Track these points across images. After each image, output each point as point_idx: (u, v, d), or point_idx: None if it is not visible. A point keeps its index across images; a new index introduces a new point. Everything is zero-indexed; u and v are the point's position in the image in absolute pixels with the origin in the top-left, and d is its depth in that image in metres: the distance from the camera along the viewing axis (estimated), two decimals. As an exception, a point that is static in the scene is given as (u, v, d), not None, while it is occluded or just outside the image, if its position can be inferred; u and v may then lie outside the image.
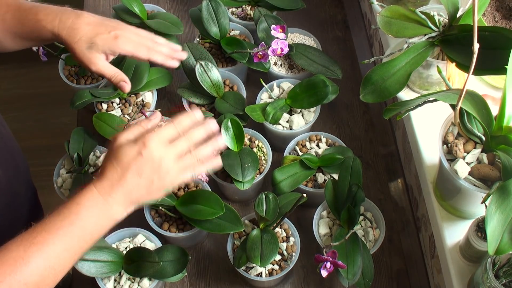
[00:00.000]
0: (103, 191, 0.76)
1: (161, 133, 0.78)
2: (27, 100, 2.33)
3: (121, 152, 0.77)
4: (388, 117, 0.83)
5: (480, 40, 0.68)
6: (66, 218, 0.73)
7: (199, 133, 0.81)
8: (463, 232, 0.90)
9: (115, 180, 0.76)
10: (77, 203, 0.74)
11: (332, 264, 0.90)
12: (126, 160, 0.76)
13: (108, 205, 0.76)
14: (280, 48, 1.10)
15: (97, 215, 0.75)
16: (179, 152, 0.79)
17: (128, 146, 0.77)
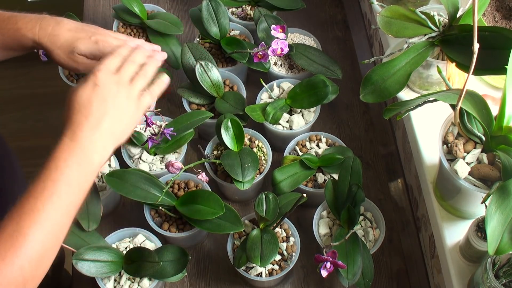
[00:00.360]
0: (75, 137, 0.75)
1: (106, 64, 0.80)
2: (27, 100, 2.32)
3: (77, 95, 0.78)
4: (388, 117, 0.83)
5: (480, 40, 0.68)
6: (47, 178, 0.71)
7: (140, 54, 0.84)
8: (463, 232, 0.90)
9: (82, 121, 0.76)
10: (54, 158, 0.73)
11: (332, 264, 0.90)
12: (85, 97, 0.77)
13: (86, 149, 0.74)
14: (280, 48, 1.10)
15: (78, 164, 0.73)
16: (130, 75, 0.81)
17: (81, 87, 0.78)
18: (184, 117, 1.11)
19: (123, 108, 0.79)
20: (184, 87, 1.17)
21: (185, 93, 1.16)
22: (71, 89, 0.79)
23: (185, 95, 1.16)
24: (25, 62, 2.35)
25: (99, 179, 1.10)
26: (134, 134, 1.09)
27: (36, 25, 0.95)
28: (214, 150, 1.12)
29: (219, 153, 1.11)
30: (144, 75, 0.83)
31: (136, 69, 0.83)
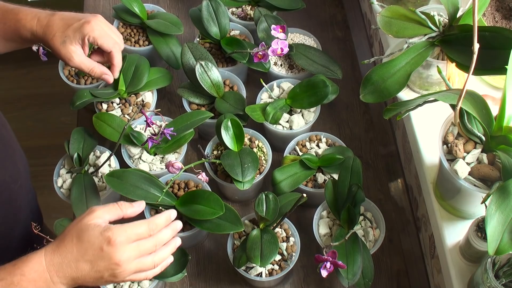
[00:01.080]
0: (51, 267, 0.74)
1: (132, 231, 0.76)
2: (27, 100, 2.33)
3: (86, 233, 0.75)
4: (388, 117, 0.83)
5: (480, 40, 0.68)
6: (7, 286, 0.72)
7: (167, 235, 0.81)
8: (463, 232, 0.90)
9: (67, 260, 0.75)
10: (22, 273, 0.73)
11: (332, 264, 0.90)
12: (87, 245, 0.75)
13: (52, 281, 0.74)
14: (280, 48, 1.10)
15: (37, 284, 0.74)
16: (141, 253, 0.78)
17: (95, 232, 0.75)
18: (184, 117, 1.11)
19: (105, 279, 0.77)
20: (184, 87, 1.17)
21: (185, 93, 1.16)
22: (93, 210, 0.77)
23: (185, 95, 1.16)
24: (25, 62, 2.36)
25: (99, 179, 1.10)
26: (134, 134, 1.09)
27: (34, 18, 0.96)
28: (214, 150, 1.12)
29: (219, 153, 1.11)
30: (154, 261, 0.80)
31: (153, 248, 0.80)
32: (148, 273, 0.80)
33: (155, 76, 1.19)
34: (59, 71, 1.23)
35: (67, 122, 2.22)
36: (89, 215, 0.77)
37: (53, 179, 1.11)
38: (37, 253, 0.75)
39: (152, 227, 0.79)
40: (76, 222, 0.77)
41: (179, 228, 0.85)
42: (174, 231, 0.83)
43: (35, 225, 0.93)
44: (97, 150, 1.14)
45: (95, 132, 1.12)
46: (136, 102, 1.19)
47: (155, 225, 0.80)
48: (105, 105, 1.18)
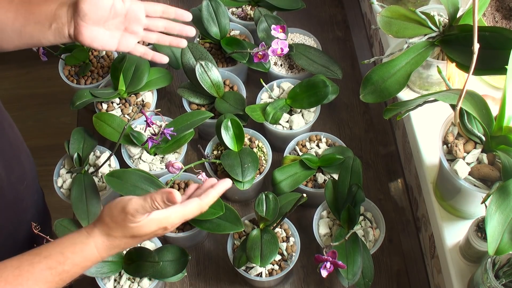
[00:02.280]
0: (104, 254, 0.77)
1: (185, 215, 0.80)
2: (27, 100, 2.33)
3: (141, 230, 0.77)
4: (388, 117, 0.83)
5: (480, 40, 0.68)
6: (58, 274, 0.73)
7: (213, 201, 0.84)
8: (463, 232, 0.90)
9: (121, 247, 0.78)
10: (75, 263, 0.75)
11: (332, 264, 0.90)
12: (143, 237, 0.78)
13: (101, 258, 0.78)
14: (280, 48, 1.10)
15: (88, 268, 0.77)
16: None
17: (151, 227, 0.77)
18: (184, 117, 1.11)
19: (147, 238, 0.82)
20: (184, 87, 1.17)
21: (185, 93, 1.16)
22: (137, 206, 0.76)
23: (185, 95, 1.16)
24: (25, 62, 2.36)
25: (99, 179, 1.10)
26: (134, 134, 1.09)
27: None
28: (214, 150, 1.12)
29: (219, 153, 1.11)
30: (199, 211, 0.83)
31: None
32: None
33: (155, 76, 1.19)
34: (59, 71, 1.23)
35: (67, 122, 2.22)
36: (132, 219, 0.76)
37: (53, 179, 1.11)
38: (87, 244, 0.76)
39: (204, 208, 0.82)
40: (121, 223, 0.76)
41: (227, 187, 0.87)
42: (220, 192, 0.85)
43: (35, 225, 0.93)
44: (97, 150, 1.14)
45: (95, 132, 1.12)
46: (136, 102, 1.19)
47: (207, 205, 0.82)
48: (105, 105, 1.18)
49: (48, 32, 0.92)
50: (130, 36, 0.97)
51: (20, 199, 1.02)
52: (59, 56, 1.23)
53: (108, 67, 1.23)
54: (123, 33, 0.96)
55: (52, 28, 0.91)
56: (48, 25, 0.91)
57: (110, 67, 1.20)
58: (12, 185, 0.98)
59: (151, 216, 0.77)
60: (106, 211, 0.78)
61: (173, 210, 0.78)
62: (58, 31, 0.92)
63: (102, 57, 1.25)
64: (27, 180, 1.04)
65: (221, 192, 0.85)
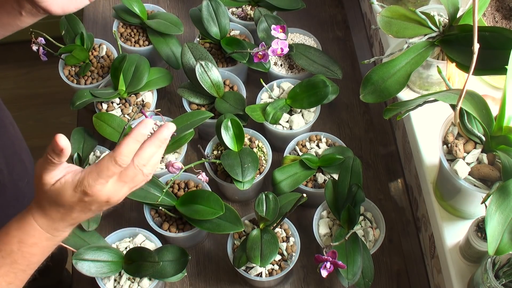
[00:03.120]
0: (46, 227, 0.73)
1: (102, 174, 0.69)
2: (27, 100, 2.32)
3: (60, 196, 0.71)
4: (388, 117, 0.83)
5: (480, 40, 0.68)
6: (7, 256, 0.71)
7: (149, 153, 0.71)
8: (463, 232, 0.90)
9: (57, 218, 0.73)
10: (19, 240, 0.71)
11: (332, 264, 0.90)
12: (69, 204, 0.71)
13: (53, 236, 0.73)
14: (280, 48, 1.10)
15: (41, 247, 0.73)
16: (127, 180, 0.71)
17: (68, 191, 0.70)
18: (184, 117, 1.11)
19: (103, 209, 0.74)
20: (184, 87, 1.17)
21: (185, 93, 1.16)
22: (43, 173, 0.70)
23: (185, 95, 1.16)
24: (25, 62, 2.36)
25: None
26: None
27: None
28: (214, 150, 1.12)
29: (219, 153, 1.11)
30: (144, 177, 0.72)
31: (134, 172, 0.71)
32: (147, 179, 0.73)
33: (155, 76, 1.19)
34: (59, 71, 1.23)
35: (67, 122, 2.22)
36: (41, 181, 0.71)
37: (53, 179, 1.11)
38: (26, 219, 0.72)
39: (121, 161, 0.69)
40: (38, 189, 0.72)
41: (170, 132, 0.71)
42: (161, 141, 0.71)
43: None
44: (97, 150, 1.14)
45: (95, 132, 1.12)
46: (136, 102, 1.19)
47: (123, 157, 0.69)
48: (105, 105, 1.18)
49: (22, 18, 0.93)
50: None
51: (22, 196, 1.02)
52: (59, 56, 1.23)
53: (108, 67, 1.23)
54: None
55: (24, 14, 0.92)
56: (18, 13, 0.92)
57: (110, 67, 1.20)
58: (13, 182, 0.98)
59: (64, 178, 0.70)
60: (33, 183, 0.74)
61: (87, 169, 0.71)
62: (30, 14, 0.92)
63: (102, 57, 1.25)
64: (28, 177, 1.04)
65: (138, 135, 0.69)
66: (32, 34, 1.18)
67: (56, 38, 1.22)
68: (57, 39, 1.22)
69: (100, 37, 1.34)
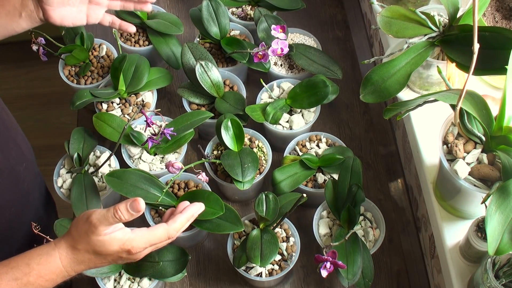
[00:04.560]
0: (69, 268, 0.77)
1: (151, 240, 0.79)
2: (27, 100, 2.33)
3: (104, 249, 0.76)
4: (388, 117, 0.83)
5: (480, 40, 0.68)
6: (23, 285, 0.74)
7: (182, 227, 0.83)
8: (463, 232, 0.90)
9: (85, 263, 0.77)
10: (38, 275, 0.75)
11: (332, 264, 0.90)
12: (107, 257, 0.77)
13: (69, 275, 0.77)
14: (280, 48, 1.10)
15: (55, 283, 0.77)
16: (158, 248, 0.82)
17: (113, 247, 0.76)
18: (184, 117, 1.11)
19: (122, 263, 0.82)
20: (184, 87, 1.17)
21: (185, 93, 1.16)
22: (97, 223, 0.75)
23: (185, 95, 1.16)
24: (25, 62, 2.36)
25: (99, 179, 1.10)
26: (134, 134, 1.09)
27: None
28: (214, 150, 1.12)
29: (219, 153, 1.11)
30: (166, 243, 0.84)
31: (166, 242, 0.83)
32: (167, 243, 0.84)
33: (155, 76, 1.19)
34: (59, 71, 1.23)
35: (67, 122, 2.22)
36: (95, 231, 0.75)
37: (53, 179, 1.11)
38: (51, 255, 0.76)
39: (171, 234, 0.81)
40: (85, 235, 0.76)
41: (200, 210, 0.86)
42: (192, 218, 0.84)
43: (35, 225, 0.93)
44: (97, 150, 1.14)
45: (95, 132, 1.12)
46: (136, 102, 1.19)
47: (174, 231, 0.81)
48: (105, 105, 1.18)
49: (20, 20, 0.96)
50: (96, 8, 1.03)
51: (21, 181, 1.03)
52: (59, 56, 1.23)
53: (108, 67, 1.23)
54: (89, 6, 1.02)
55: (23, 16, 0.96)
56: (18, 14, 0.95)
57: (110, 67, 1.20)
58: (10, 166, 0.99)
59: (114, 233, 0.76)
60: (73, 223, 0.78)
61: (138, 233, 0.78)
62: (29, 18, 0.96)
63: (102, 57, 1.25)
64: (26, 162, 1.05)
65: (190, 217, 0.84)
66: (32, 34, 1.18)
67: (56, 38, 1.22)
68: (57, 39, 1.22)
69: (100, 37, 1.34)
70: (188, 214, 0.83)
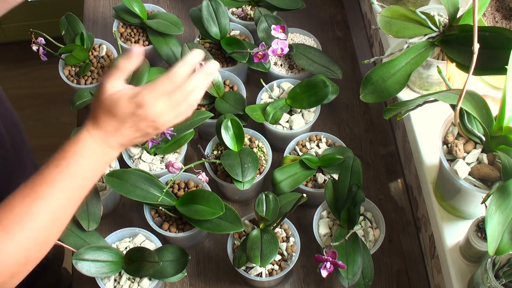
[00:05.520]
0: (99, 141, 0.76)
1: (157, 89, 0.77)
2: (27, 100, 2.33)
3: (116, 106, 0.76)
4: (388, 117, 0.83)
5: (480, 40, 0.68)
6: (65, 169, 0.74)
7: (197, 81, 0.79)
8: (463, 232, 0.90)
9: (110, 131, 0.77)
10: (75, 153, 0.75)
11: (332, 264, 0.90)
12: (122, 115, 0.76)
13: (105, 152, 0.77)
14: (280, 48, 1.10)
15: (96, 162, 0.76)
16: (175, 103, 0.78)
17: (124, 102, 0.76)
18: (184, 117, 1.11)
19: (151, 133, 0.80)
20: (184, 87, 1.17)
21: (185, 93, 1.16)
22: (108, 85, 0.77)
23: (185, 95, 1.16)
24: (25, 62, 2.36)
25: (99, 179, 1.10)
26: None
27: None
28: (214, 150, 1.12)
29: (219, 153, 1.11)
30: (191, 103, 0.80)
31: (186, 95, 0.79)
32: (188, 112, 0.81)
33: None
34: (59, 71, 1.23)
35: (67, 122, 2.22)
36: (104, 90, 0.77)
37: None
38: (80, 133, 0.76)
39: (175, 78, 0.77)
40: (100, 100, 0.77)
41: (214, 68, 0.81)
42: (207, 74, 0.79)
43: None
44: (97, 150, 1.14)
45: (95, 132, 1.12)
46: (136, 102, 1.19)
47: (177, 74, 0.77)
48: (105, 105, 1.18)
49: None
50: None
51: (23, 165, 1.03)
52: (59, 56, 1.23)
53: (108, 67, 1.23)
54: None
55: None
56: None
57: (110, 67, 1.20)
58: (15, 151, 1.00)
59: (123, 90, 0.77)
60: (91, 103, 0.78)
61: (141, 85, 0.78)
62: None
63: (102, 57, 1.25)
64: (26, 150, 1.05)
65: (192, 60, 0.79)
66: (32, 34, 1.18)
67: (56, 38, 1.22)
68: (57, 39, 1.22)
69: (100, 37, 1.34)
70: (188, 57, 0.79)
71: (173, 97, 0.77)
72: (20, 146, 1.04)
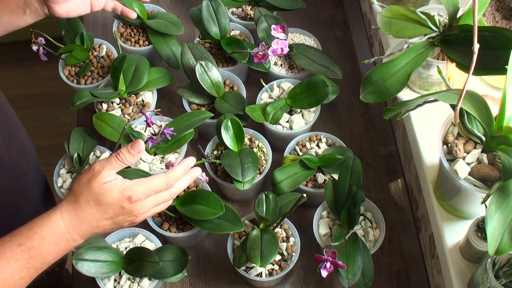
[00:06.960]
0: (70, 227, 0.76)
1: (148, 186, 0.78)
2: (27, 100, 2.33)
3: (105, 196, 0.76)
4: (388, 117, 0.83)
5: (480, 40, 0.68)
6: (27, 250, 0.73)
7: (183, 184, 0.84)
8: (463, 232, 0.90)
9: (87, 220, 0.76)
10: (41, 236, 0.74)
11: (332, 264, 0.90)
12: (108, 206, 0.76)
13: (72, 239, 0.76)
14: (280, 48, 1.10)
15: (59, 249, 0.76)
16: (159, 202, 0.81)
17: (114, 193, 0.76)
18: (184, 117, 1.11)
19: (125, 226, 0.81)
20: (184, 87, 1.17)
21: (185, 93, 1.16)
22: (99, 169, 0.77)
23: (185, 95, 1.16)
24: (25, 62, 2.36)
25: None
26: (134, 134, 1.09)
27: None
28: (214, 150, 1.12)
29: (219, 153, 1.11)
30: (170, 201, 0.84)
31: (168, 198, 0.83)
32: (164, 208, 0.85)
33: (155, 76, 1.19)
34: (59, 71, 1.23)
35: (67, 122, 2.22)
36: (98, 176, 0.76)
37: (53, 179, 1.11)
38: (52, 215, 0.75)
39: (170, 181, 0.80)
40: (86, 184, 0.76)
41: (198, 175, 0.86)
42: (192, 178, 0.85)
43: None
44: (97, 150, 1.14)
45: (95, 132, 1.12)
46: (136, 102, 1.19)
47: (172, 179, 0.81)
48: (105, 105, 1.18)
49: (24, 16, 0.98)
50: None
51: (23, 174, 1.03)
52: (59, 56, 1.23)
53: (108, 67, 1.23)
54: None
55: (27, 13, 0.98)
56: (22, 11, 0.97)
57: (110, 67, 1.20)
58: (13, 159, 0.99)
59: (114, 181, 0.76)
60: (75, 180, 0.78)
61: (137, 180, 0.79)
62: (34, 13, 0.98)
63: (102, 57, 1.25)
64: (28, 156, 1.05)
65: (186, 167, 0.84)
66: (32, 34, 1.18)
67: (56, 38, 1.22)
68: (57, 39, 1.22)
69: (100, 37, 1.34)
70: (184, 164, 0.83)
71: (160, 196, 0.80)
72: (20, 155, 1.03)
